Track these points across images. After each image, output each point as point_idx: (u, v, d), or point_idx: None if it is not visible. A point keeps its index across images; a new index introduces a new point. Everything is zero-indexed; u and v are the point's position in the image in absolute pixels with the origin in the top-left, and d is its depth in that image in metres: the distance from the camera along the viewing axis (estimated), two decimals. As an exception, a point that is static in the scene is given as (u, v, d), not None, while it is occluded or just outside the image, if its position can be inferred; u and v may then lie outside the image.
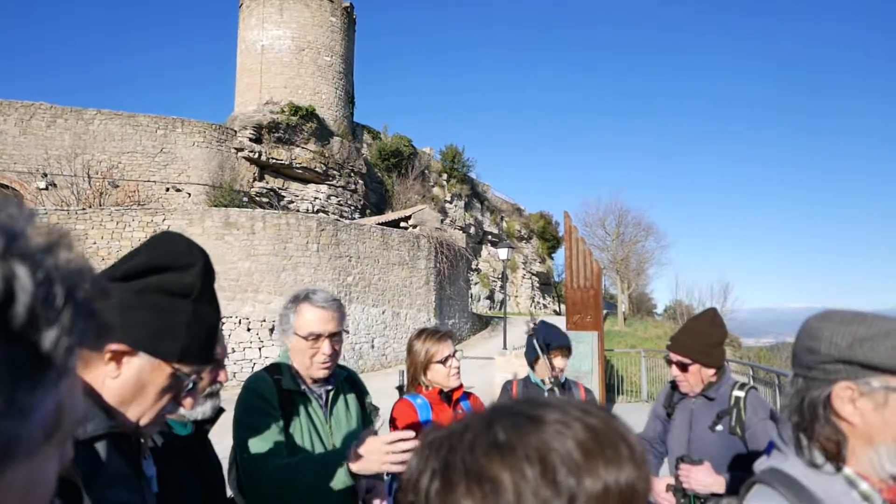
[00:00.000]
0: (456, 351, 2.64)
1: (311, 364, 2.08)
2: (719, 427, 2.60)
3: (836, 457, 1.08)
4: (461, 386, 2.66)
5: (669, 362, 2.75)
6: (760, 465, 1.20)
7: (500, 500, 0.50)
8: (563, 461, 0.52)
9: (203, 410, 1.60)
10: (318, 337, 2.05)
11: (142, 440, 1.20)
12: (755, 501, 1.12)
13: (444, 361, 2.57)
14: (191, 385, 1.16)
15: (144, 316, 1.09)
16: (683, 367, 2.66)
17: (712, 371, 2.66)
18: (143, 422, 1.12)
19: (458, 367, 2.61)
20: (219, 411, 1.66)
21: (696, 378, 2.66)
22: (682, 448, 2.69)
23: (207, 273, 1.18)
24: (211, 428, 1.67)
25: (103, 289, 0.46)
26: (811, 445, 1.11)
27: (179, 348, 1.12)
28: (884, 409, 1.03)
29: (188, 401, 1.20)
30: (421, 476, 0.55)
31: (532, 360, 3.41)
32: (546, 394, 2.86)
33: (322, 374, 2.10)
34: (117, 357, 1.08)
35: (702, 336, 2.64)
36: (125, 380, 1.09)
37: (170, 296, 1.12)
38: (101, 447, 1.08)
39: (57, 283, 0.41)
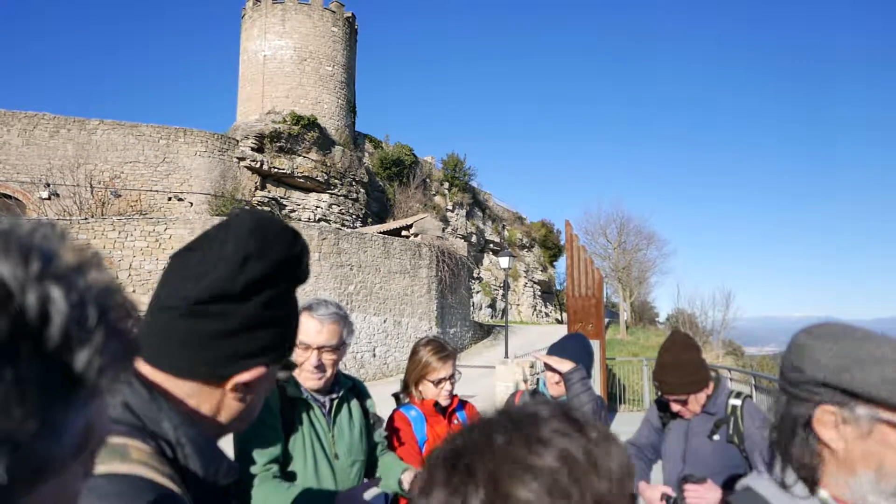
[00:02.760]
0: (454, 374, 2.58)
1: (300, 372, 2.09)
2: (716, 436, 2.60)
3: (810, 480, 1.03)
4: (455, 397, 2.63)
5: (665, 403, 2.71)
6: (741, 483, 1.16)
7: None
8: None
9: None
10: (306, 347, 2.05)
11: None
12: None
13: (437, 383, 2.53)
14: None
15: (273, 330, 0.95)
16: (683, 402, 2.64)
17: (708, 387, 2.66)
18: (251, 419, 1.04)
19: (451, 390, 2.57)
20: None
21: (696, 404, 2.65)
22: (678, 460, 2.67)
23: (309, 256, 1.03)
24: None
25: (131, 308, 0.46)
26: (785, 464, 1.07)
27: (293, 344, 1.03)
28: (867, 439, 0.98)
29: None
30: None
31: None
32: None
33: (311, 384, 2.10)
34: (247, 383, 0.95)
35: (686, 367, 2.59)
36: (253, 397, 0.99)
37: (289, 299, 0.98)
38: (231, 491, 1.01)
39: (90, 304, 0.41)
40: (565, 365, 2.62)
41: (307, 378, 2.09)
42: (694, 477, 2.31)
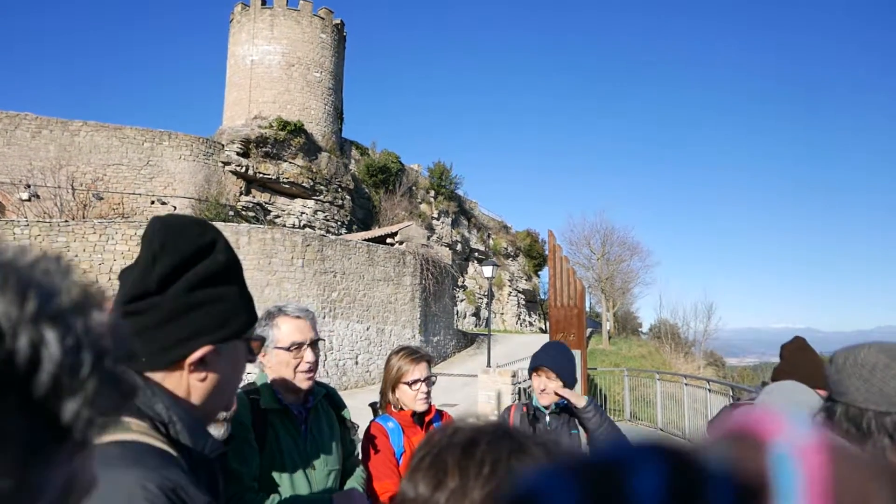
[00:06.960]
0: (430, 376, 2.55)
1: (294, 375, 2.07)
2: None
3: None
4: (432, 407, 2.58)
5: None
6: None
7: None
8: None
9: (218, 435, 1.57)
10: (300, 346, 2.06)
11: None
12: None
13: (412, 384, 2.49)
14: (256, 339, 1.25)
15: (205, 311, 1.09)
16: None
17: None
18: (234, 398, 1.21)
19: (428, 392, 2.52)
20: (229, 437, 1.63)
21: None
22: None
23: (227, 241, 1.18)
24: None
25: (130, 353, 0.44)
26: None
27: (245, 321, 1.15)
28: None
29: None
30: None
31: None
32: (547, 418, 2.83)
33: (306, 384, 2.09)
34: (201, 362, 1.08)
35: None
36: (215, 375, 1.10)
37: (216, 282, 1.11)
38: (216, 464, 1.13)
39: (85, 349, 0.38)
40: (581, 399, 2.66)
41: (303, 379, 2.08)
42: None
